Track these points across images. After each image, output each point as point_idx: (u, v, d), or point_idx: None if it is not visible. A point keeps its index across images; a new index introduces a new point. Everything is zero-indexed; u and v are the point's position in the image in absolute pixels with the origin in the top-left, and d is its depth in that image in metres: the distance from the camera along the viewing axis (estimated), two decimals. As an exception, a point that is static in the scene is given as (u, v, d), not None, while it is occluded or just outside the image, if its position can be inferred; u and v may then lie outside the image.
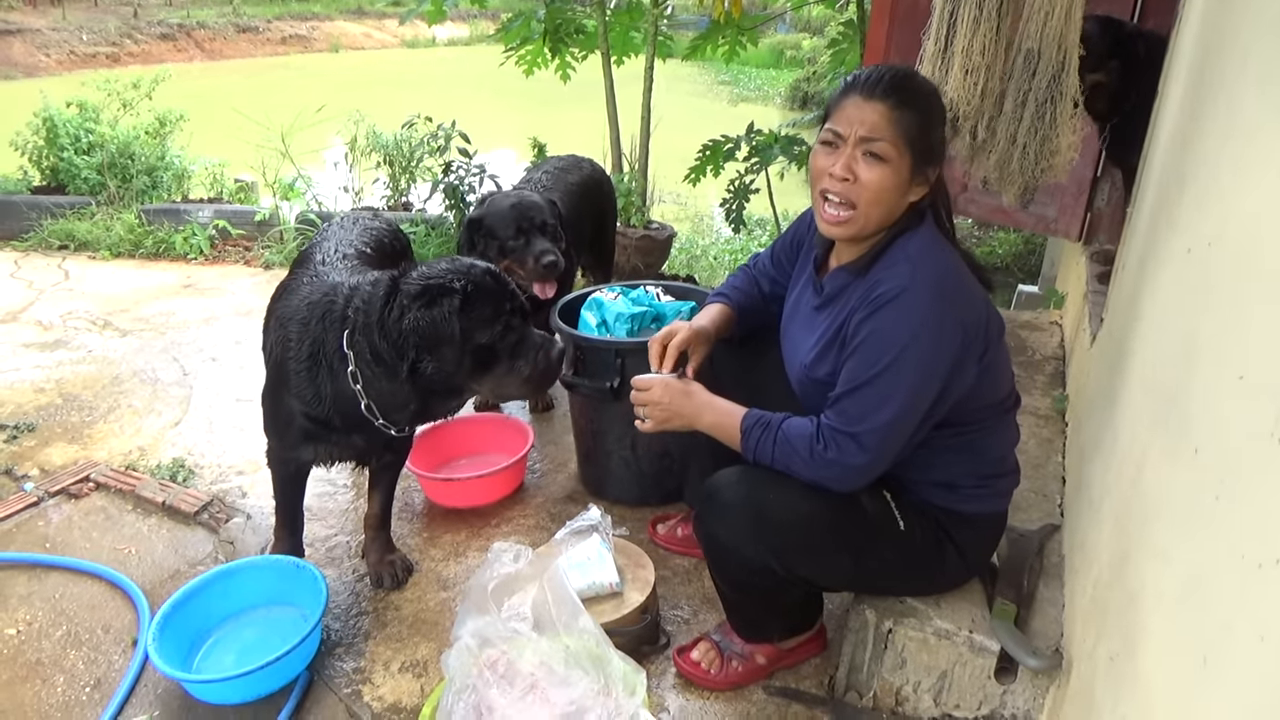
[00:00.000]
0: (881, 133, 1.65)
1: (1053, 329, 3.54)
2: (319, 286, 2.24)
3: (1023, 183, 2.17)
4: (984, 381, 1.73)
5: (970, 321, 1.65)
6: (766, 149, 4.85)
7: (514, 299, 2.09)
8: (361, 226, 2.76)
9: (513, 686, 1.84)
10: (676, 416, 1.89)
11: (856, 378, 1.65)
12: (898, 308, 1.62)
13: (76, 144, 5.89)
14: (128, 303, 4.67)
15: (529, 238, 2.96)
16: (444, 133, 5.13)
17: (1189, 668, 1.04)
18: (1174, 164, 1.86)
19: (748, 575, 1.85)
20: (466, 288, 1.99)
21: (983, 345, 1.69)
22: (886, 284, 1.64)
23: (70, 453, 3.14)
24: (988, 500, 1.87)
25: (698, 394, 1.90)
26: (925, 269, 1.65)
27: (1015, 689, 1.87)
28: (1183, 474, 1.24)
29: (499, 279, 2.08)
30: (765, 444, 1.75)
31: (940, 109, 1.76)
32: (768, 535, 1.77)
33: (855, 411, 1.65)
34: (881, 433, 1.64)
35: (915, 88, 1.69)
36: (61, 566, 2.54)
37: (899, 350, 1.61)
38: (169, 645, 2.08)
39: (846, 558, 1.83)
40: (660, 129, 5.34)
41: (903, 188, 1.69)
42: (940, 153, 1.73)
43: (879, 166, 1.66)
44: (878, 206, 1.69)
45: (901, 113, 1.65)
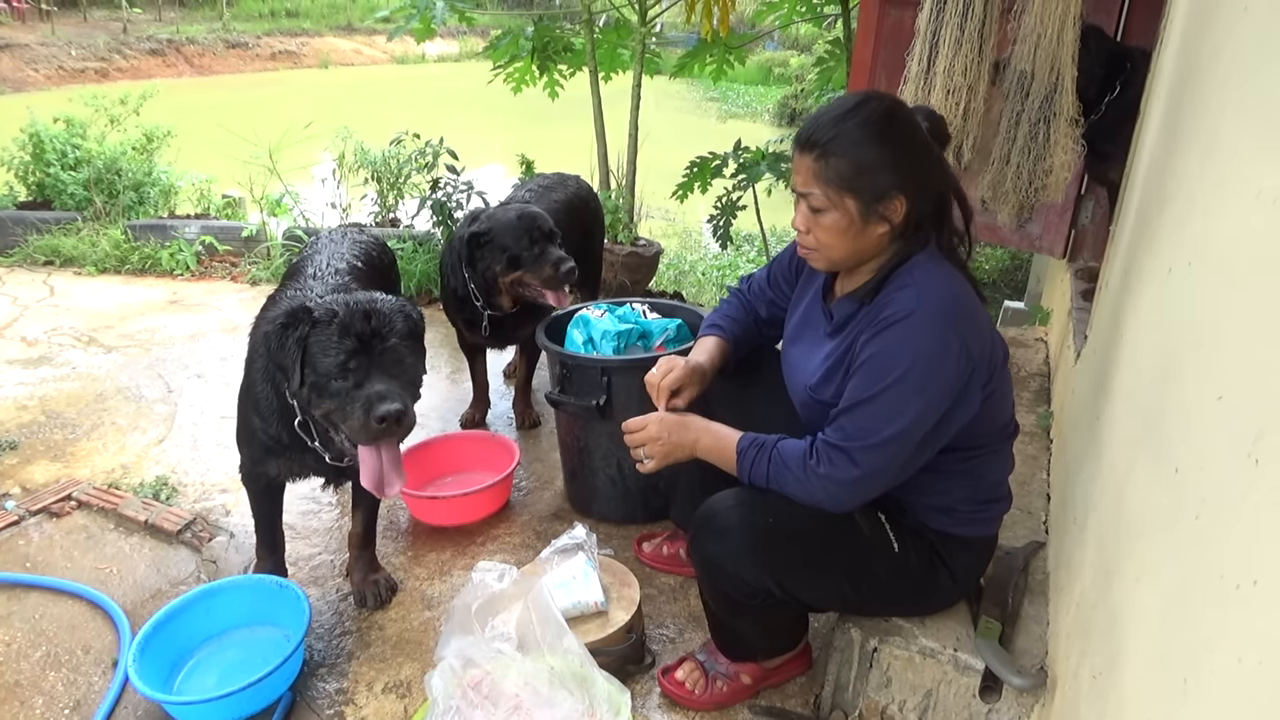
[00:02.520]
0: (810, 186, 1.68)
1: (1038, 345, 3.56)
2: (295, 301, 2.24)
3: (1017, 202, 2.19)
4: (989, 407, 1.73)
5: (977, 349, 1.65)
6: (754, 166, 4.88)
7: (375, 341, 1.96)
8: (351, 240, 2.77)
9: (497, 708, 1.83)
10: (677, 449, 1.89)
11: (857, 396, 1.65)
12: (903, 330, 1.62)
13: (63, 159, 5.88)
14: (113, 319, 4.65)
15: (542, 247, 2.95)
16: (432, 149, 5.14)
17: (1170, 688, 1.04)
18: (1155, 184, 1.87)
19: (744, 597, 1.84)
20: (323, 316, 1.95)
21: (987, 372, 1.69)
22: (893, 306, 1.64)
23: (52, 471, 3.12)
24: (981, 524, 1.88)
25: (692, 422, 1.90)
26: (932, 293, 1.64)
27: (1000, 708, 1.86)
28: (1163, 493, 1.24)
29: (372, 319, 1.97)
30: (760, 464, 1.75)
31: (893, 134, 1.66)
32: (767, 557, 1.77)
33: (853, 428, 1.65)
34: (877, 450, 1.64)
35: (840, 133, 1.64)
36: (41, 586, 2.51)
37: (902, 371, 1.60)
38: (150, 666, 2.05)
39: (843, 580, 1.83)
40: (648, 145, 5.36)
41: (855, 227, 1.68)
42: (901, 181, 1.66)
43: (821, 216, 1.70)
44: (838, 248, 1.72)
45: (825, 163, 1.65)
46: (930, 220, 1.73)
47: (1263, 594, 0.85)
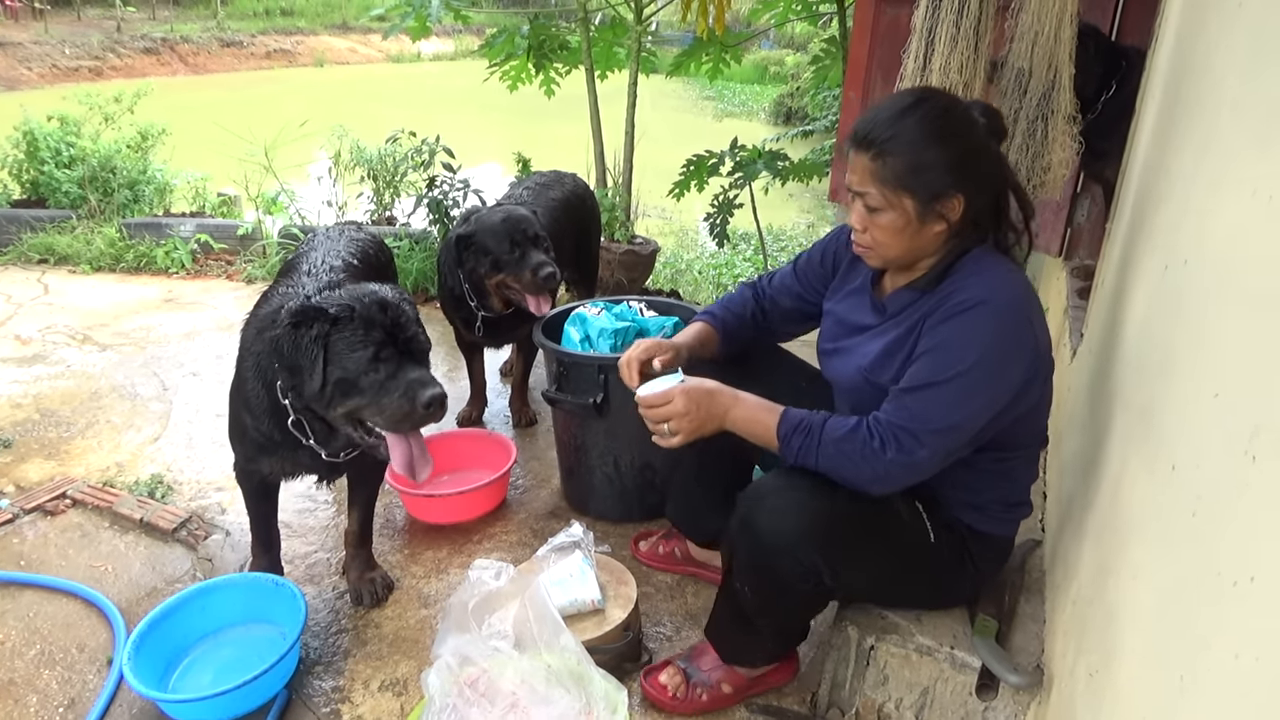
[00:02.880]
0: (867, 185, 1.67)
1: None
2: (288, 297, 2.23)
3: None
4: (1036, 410, 1.75)
5: (1044, 344, 1.67)
6: (750, 164, 4.88)
7: (397, 331, 1.97)
8: (348, 238, 2.77)
9: (493, 705, 1.83)
10: (708, 420, 1.79)
11: (926, 379, 1.63)
12: (976, 317, 1.61)
13: (57, 157, 5.86)
14: (107, 317, 4.63)
15: (524, 251, 2.95)
16: (428, 147, 5.13)
17: (1167, 685, 1.04)
18: (1150, 182, 1.88)
19: (795, 580, 1.76)
20: (341, 313, 1.93)
21: (1046, 370, 1.70)
22: (965, 293, 1.63)
23: (47, 469, 3.11)
24: (1007, 524, 1.90)
25: (721, 392, 1.81)
26: (1003, 284, 1.64)
27: (996, 705, 1.87)
28: (1160, 490, 1.25)
29: (388, 309, 1.97)
30: (809, 447, 1.70)
31: (950, 132, 1.65)
32: (822, 538, 1.72)
33: (920, 410, 1.62)
34: (943, 435, 1.62)
35: (897, 131, 1.63)
36: (36, 584, 2.50)
37: (976, 359, 1.60)
38: (144, 664, 2.05)
39: (884, 564, 1.82)
40: (644, 144, 5.35)
41: (913, 226, 1.67)
42: (959, 179, 1.65)
43: (878, 215, 1.69)
44: (894, 247, 1.72)
45: (881, 162, 1.64)
46: (987, 217, 1.72)
47: (1260, 590, 0.85)
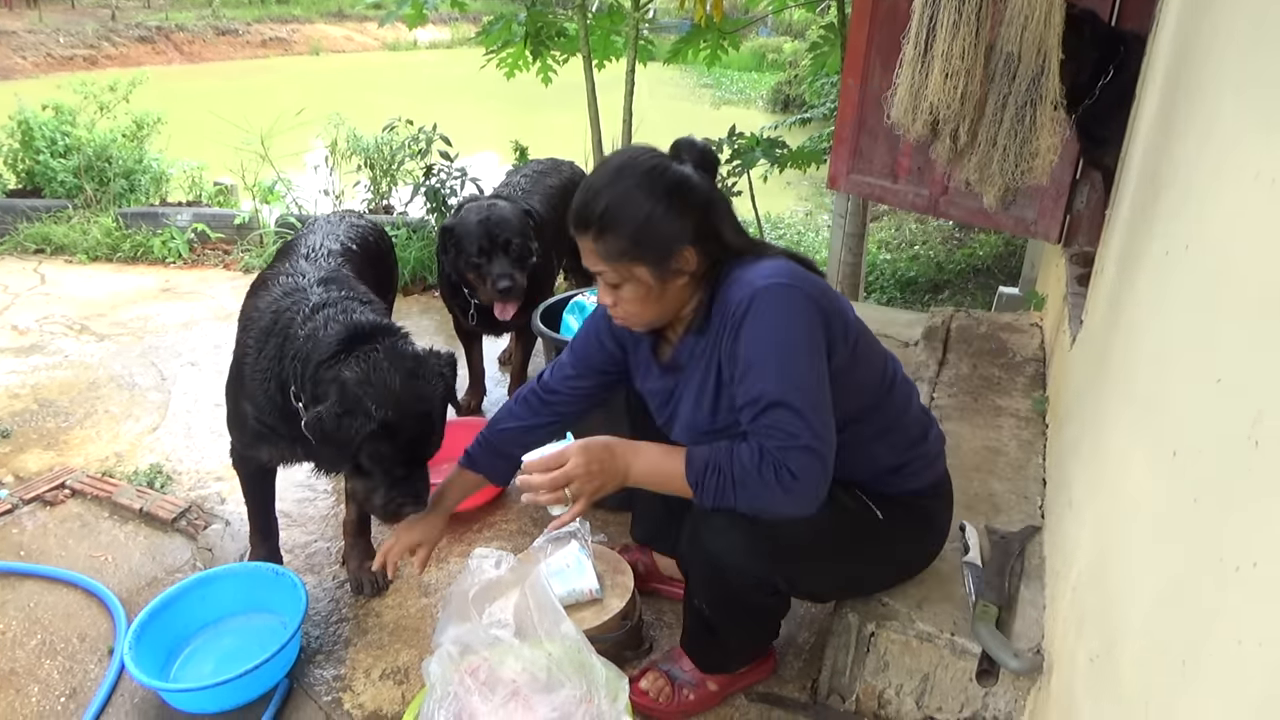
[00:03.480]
0: (598, 264, 1.67)
1: (1033, 331, 3.55)
2: (289, 288, 2.23)
3: (1003, 184, 2.18)
4: (862, 366, 1.75)
5: (818, 295, 1.64)
6: (749, 152, 4.87)
7: (417, 450, 2.00)
8: (348, 224, 2.78)
9: (494, 694, 1.83)
10: (609, 477, 1.68)
11: (759, 392, 1.57)
12: (755, 313, 1.60)
13: (53, 147, 5.84)
14: (105, 307, 4.62)
15: (491, 257, 2.96)
16: (425, 136, 5.11)
17: (1168, 670, 1.05)
18: (1151, 167, 1.87)
19: (746, 592, 1.80)
20: (382, 424, 1.90)
21: (843, 325, 1.68)
22: (736, 304, 1.62)
23: (46, 459, 3.11)
24: (928, 468, 1.89)
25: (617, 443, 1.72)
26: (758, 272, 1.64)
27: (997, 691, 1.87)
28: (1161, 477, 1.25)
29: (420, 419, 1.97)
30: (724, 490, 1.60)
31: (659, 191, 1.61)
32: (769, 551, 1.73)
33: (779, 420, 1.56)
34: (814, 422, 1.56)
35: (608, 205, 1.61)
36: (36, 575, 2.50)
37: (779, 341, 1.58)
38: (146, 654, 2.05)
39: (843, 559, 1.83)
40: (642, 132, 5.33)
41: (656, 290, 1.67)
42: (682, 233, 1.63)
43: (620, 290, 1.68)
44: (648, 313, 1.72)
45: (603, 240, 1.63)
46: (721, 248, 1.70)
47: (1262, 576, 0.85)
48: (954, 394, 2.96)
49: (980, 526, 2.21)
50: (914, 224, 8.17)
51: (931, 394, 2.96)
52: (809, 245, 8.16)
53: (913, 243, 7.75)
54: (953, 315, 3.69)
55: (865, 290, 5.80)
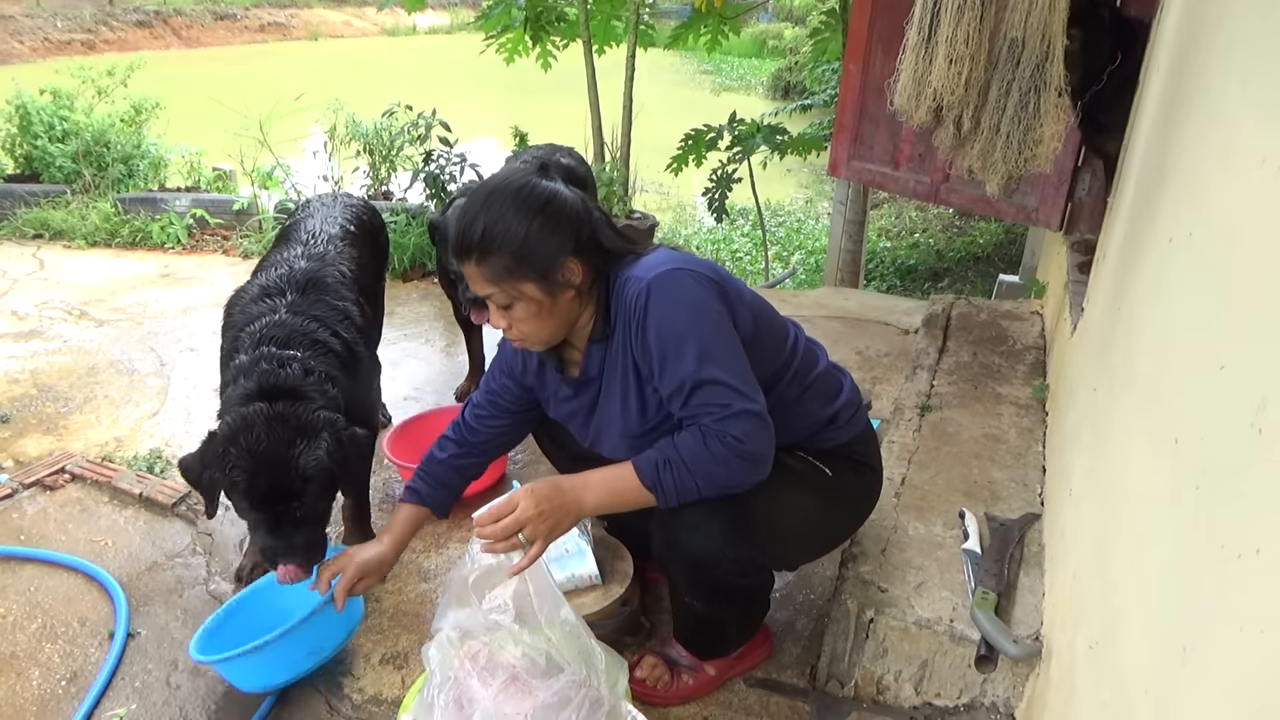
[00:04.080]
0: (485, 288, 1.67)
1: (1034, 319, 3.55)
2: (267, 289, 2.33)
3: (1006, 172, 2.17)
4: (767, 333, 1.78)
5: (708, 271, 1.70)
6: (749, 138, 4.86)
7: (284, 511, 1.96)
8: (343, 205, 2.79)
9: (494, 678, 1.83)
10: (563, 514, 1.68)
11: (683, 375, 1.59)
12: (654, 304, 1.63)
13: (51, 132, 5.82)
14: (104, 292, 4.61)
15: None
16: (424, 121, 5.09)
17: (1169, 656, 1.05)
18: (1155, 154, 1.86)
19: (733, 579, 1.79)
20: (236, 477, 1.93)
21: (738, 294, 1.73)
22: (632, 300, 1.65)
23: (45, 444, 3.10)
24: (855, 416, 1.91)
25: (563, 479, 1.72)
26: (643, 270, 1.67)
27: (995, 678, 1.88)
28: (1163, 464, 1.24)
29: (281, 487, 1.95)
30: (684, 481, 1.62)
31: (530, 208, 1.63)
32: (747, 533, 1.74)
33: (712, 395, 1.59)
34: (749, 392, 1.60)
35: (483, 229, 1.62)
36: (36, 559, 2.50)
37: (686, 322, 1.62)
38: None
39: (810, 523, 1.85)
40: (642, 118, 5.32)
41: (547, 304, 1.67)
42: (562, 247, 1.64)
43: (512, 310, 1.68)
44: (545, 329, 1.72)
45: (484, 264, 1.64)
46: (603, 256, 1.72)
47: (1265, 563, 0.85)
48: (954, 381, 2.96)
49: (980, 514, 2.21)
50: (914, 212, 8.16)
51: (932, 381, 2.96)
52: (809, 233, 8.15)
53: (913, 231, 7.75)
54: (953, 303, 3.68)
55: (865, 278, 5.80)
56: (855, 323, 3.96)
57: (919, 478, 2.40)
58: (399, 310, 4.38)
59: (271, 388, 2.08)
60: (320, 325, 2.29)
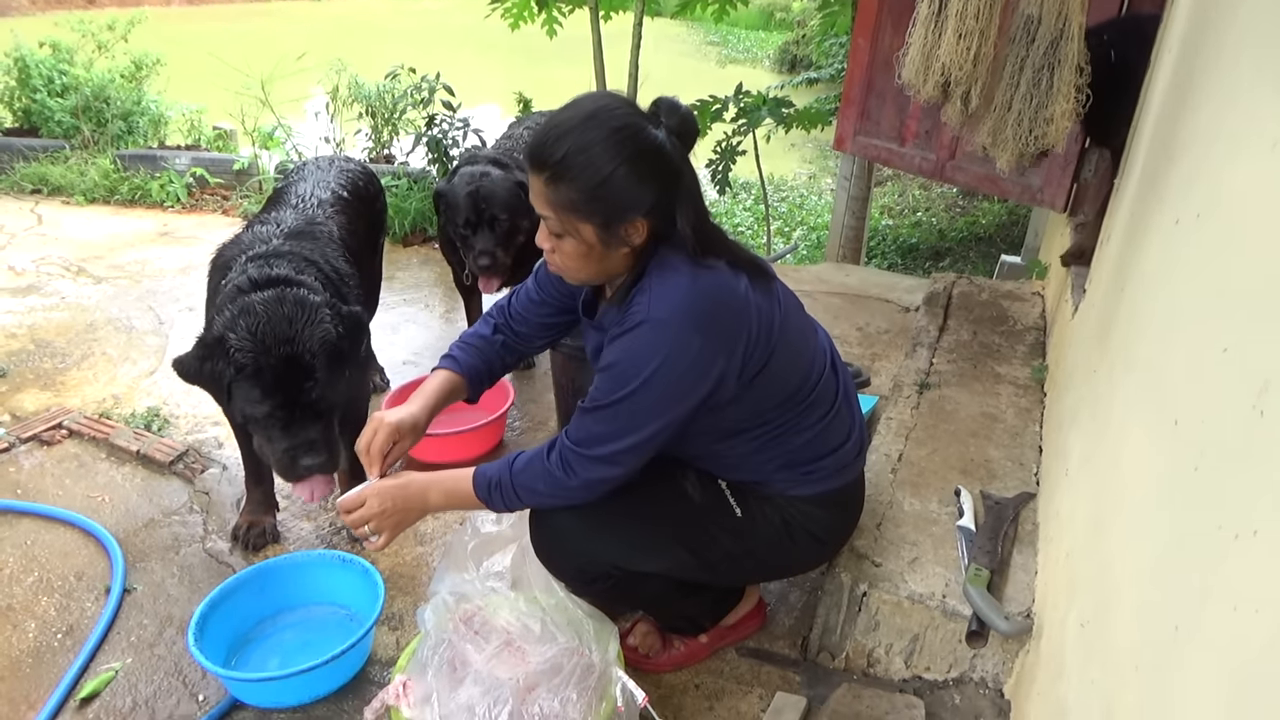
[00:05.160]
0: (546, 209, 1.57)
1: (1034, 299, 3.55)
2: (258, 236, 2.31)
3: (1016, 149, 2.15)
4: (764, 388, 1.66)
5: (724, 342, 1.57)
6: (754, 111, 4.83)
7: (299, 394, 1.94)
8: (338, 169, 2.78)
9: (488, 642, 1.84)
10: (406, 513, 1.75)
11: (598, 398, 1.59)
12: (640, 337, 1.55)
13: (50, 86, 5.76)
14: (102, 249, 4.59)
15: (476, 230, 2.94)
16: (428, 85, 5.05)
17: (1160, 635, 1.06)
18: (1165, 136, 1.85)
19: (606, 583, 1.80)
20: (244, 361, 1.91)
21: (742, 361, 1.60)
22: (636, 312, 1.57)
23: (43, 399, 3.10)
24: (817, 483, 1.78)
25: (413, 481, 1.75)
26: (665, 299, 1.55)
27: (985, 653, 1.89)
28: (1162, 445, 1.25)
29: (297, 367, 1.93)
30: (510, 499, 1.68)
31: (626, 152, 1.51)
32: (596, 540, 1.74)
33: (597, 430, 1.59)
34: (624, 453, 1.60)
35: (568, 153, 1.50)
36: (33, 513, 2.51)
37: (641, 380, 1.54)
38: (210, 644, 1.95)
39: (684, 552, 1.78)
40: (647, 88, 5.26)
41: (597, 252, 1.58)
42: (639, 203, 1.54)
43: (561, 241, 1.60)
44: (582, 271, 1.64)
45: (554, 187, 1.53)
46: (671, 226, 1.60)
47: (1262, 544, 0.85)
48: (954, 360, 2.96)
49: (975, 492, 2.22)
50: (918, 190, 8.13)
51: (931, 359, 2.96)
52: (811, 208, 8.12)
53: (915, 209, 7.72)
54: (954, 282, 3.68)
55: (867, 255, 5.78)
56: (856, 299, 3.96)
57: (916, 454, 2.41)
58: (399, 275, 4.37)
59: (264, 279, 2.04)
60: (312, 248, 2.28)
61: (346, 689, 2.00)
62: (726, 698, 1.97)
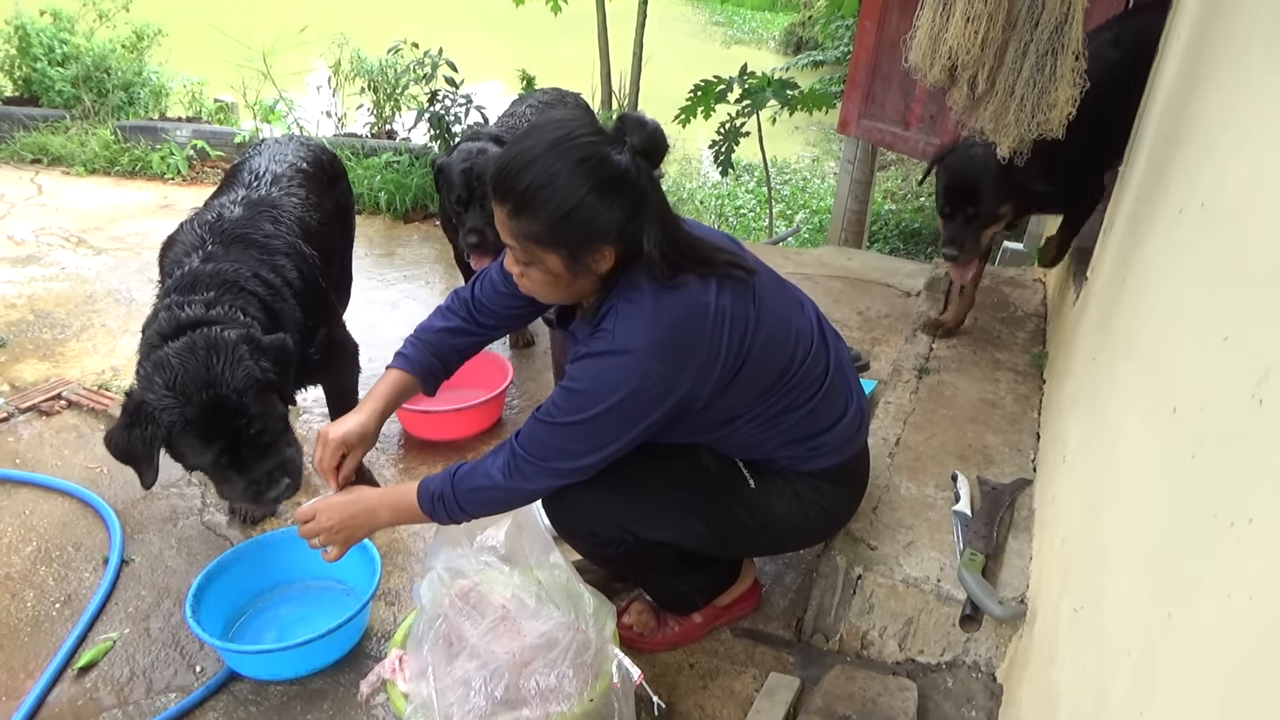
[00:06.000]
0: (511, 239, 1.54)
1: (1036, 286, 3.54)
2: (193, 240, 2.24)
3: (1018, 135, 2.14)
4: (744, 385, 1.65)
5: (692, 364, 1.56)
6: (759, 92, 4.80)
7: (239, 435, 1.90)
8: (297, 143, 2.72)
9: (484, 617, 1.85)
10: (354, 528, 1.77)
11: (561, 416, 1.58)
12: (608, 363, 1.54)
13: (50, 55, 5.72)
14: (102, 221, 4.58)
15: (468, 207, 2.93)
16: (430, 60, 5.02)
17: (1153, 621, 1.06)
18: (1170, 124, 1.84)
19: (617, 548, 1.81)
20: (173, 419, 1.86)
21: (714, 377, 1.60)
22: (602, 335, 1.56)
23: (42, 370, 3.10)
24: (825, 456, 1.79)
25: (362, 498, 1.77)
26: (635, 328, 1.53)
27: (979, 637, 1.90)
28: (1160, 433, 1.25)
29: (227, 412, 1.88)
30: (453, 511, 1.70)
31: (590, 181, 1.47)
32: (613, 504, 1.74)
33: (558, 446, 1.60)
34: (585, 468, 1.62)
35: (531, 184, 1.47)
36: (32, 483, 2.51)
37: (597, 409, 1.54)
38: (208, 617, 1.96)
39: (698, 521, 1.79)
40: (650, 68, 5.26)
41: (565, 278, 1.56)
42: (605, 231, 1.51)
43: (527, 268, 1.58)
44: (551, 296, 1.64)
45: (519, 219, 1.50)
46: (638, 249, 1.55)
47: (1258, 532, 0.86)
48: (953, 346, 2.96)
49: (972, 477, 2.23)
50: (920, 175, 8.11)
51: (931, 345, 2.96)
52: (814, 192, 8.10)
53: (918, 194, 7.69)
54: (956, 267, 3.67)
55: (869, 239, 5.77)
56: (857, 283, 3.95)
57: (914, 439, 2.41)
58: (399, 251, 4.36)
59: (173, 330, 1.97)
60: (238, 266, 2.16)
61: (343, 663, 2.01)
62: (720, 677, 1.99)
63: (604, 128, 1.57)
